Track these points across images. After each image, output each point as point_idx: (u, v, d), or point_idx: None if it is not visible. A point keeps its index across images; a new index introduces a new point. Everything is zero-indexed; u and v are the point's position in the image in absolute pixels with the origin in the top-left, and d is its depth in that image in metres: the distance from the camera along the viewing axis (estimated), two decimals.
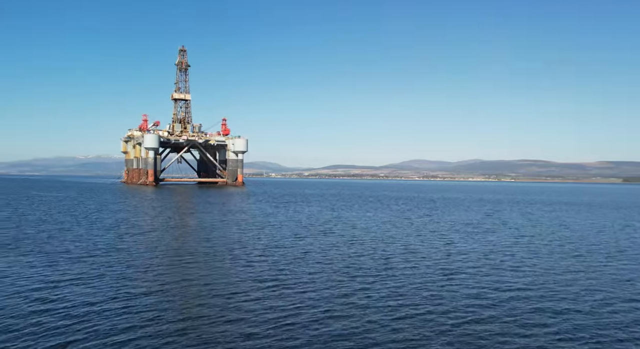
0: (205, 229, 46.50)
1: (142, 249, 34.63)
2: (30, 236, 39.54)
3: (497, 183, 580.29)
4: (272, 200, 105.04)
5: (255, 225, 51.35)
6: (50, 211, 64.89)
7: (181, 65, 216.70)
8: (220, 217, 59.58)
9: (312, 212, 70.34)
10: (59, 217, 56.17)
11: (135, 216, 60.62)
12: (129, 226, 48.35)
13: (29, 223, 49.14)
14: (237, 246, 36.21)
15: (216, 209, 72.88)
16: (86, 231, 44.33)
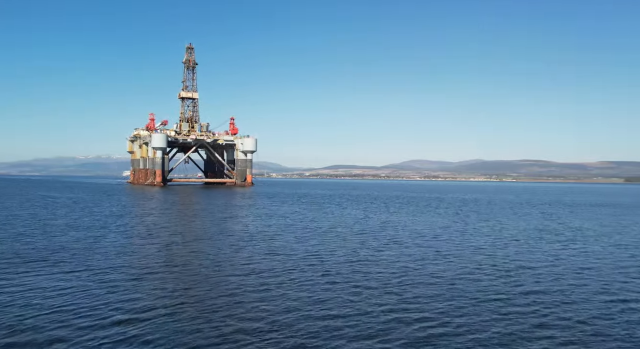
0: (263, 240, 41.58)
1: (202, 261, 30.34)
2: (65, 246, 35.15)
3: (500, 183, 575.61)
4: (298, 201, 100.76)
5: (310, 232, 46.67)
6: (71, 215, 60.60)
7: (189, 63, 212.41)
8: (264, 222, 55.21)
9: (357, 216, 65.91)
10: (84, 222, 51.82)
11: (167, 220, 56.35)
12: (170, 233, 44.11)
13: (56, 230, 44.79)
14: (315, 261, 31.10)
15: (252, 213, 68.57)
16: (124, 238, 40.07)
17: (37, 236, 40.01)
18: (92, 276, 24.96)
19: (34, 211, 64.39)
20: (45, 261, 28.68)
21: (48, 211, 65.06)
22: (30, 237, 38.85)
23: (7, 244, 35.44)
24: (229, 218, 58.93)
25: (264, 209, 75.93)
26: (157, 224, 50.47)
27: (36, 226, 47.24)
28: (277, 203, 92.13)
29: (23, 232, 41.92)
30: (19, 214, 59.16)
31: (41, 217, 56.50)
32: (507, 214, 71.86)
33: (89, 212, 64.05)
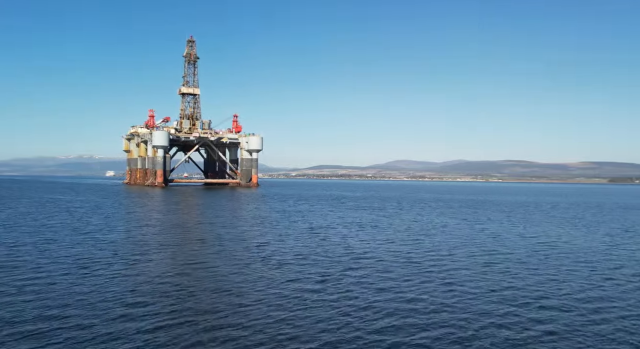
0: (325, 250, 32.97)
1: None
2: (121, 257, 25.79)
3: (488, 184, 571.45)
4: (323, 203, 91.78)
5: (381, 238, 38.12)
6: (93, 220, 50.94)
7: (189, 58, 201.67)
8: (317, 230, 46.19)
9: (412, 220, 57.32)
10: (117, 226, 42.31)
11: (211, 233, 47.06)
12: (240, 241, 34.92)
13: (96, 240, 35.27)
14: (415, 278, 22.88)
15: (293, 219, 59.36)
16: (177, 246, 30.82)
17: (92, 247, 30.50)
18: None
19: (64, 219, 54.40)
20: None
21: (77, 219, 55.06)
22: (92, 254, 29.34)
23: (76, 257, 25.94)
24: (286, 236, 49.66)
25: (332, 216, 66.65)
26: (205, 242, 41.12)
27: (84, 237, 37.63)
28: (310, 204, 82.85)
29: (81, 243, 32.33)
30: (52, 224, 49.21)
31: (81, 227, 46.67)
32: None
33: (123, 222, 54.30)
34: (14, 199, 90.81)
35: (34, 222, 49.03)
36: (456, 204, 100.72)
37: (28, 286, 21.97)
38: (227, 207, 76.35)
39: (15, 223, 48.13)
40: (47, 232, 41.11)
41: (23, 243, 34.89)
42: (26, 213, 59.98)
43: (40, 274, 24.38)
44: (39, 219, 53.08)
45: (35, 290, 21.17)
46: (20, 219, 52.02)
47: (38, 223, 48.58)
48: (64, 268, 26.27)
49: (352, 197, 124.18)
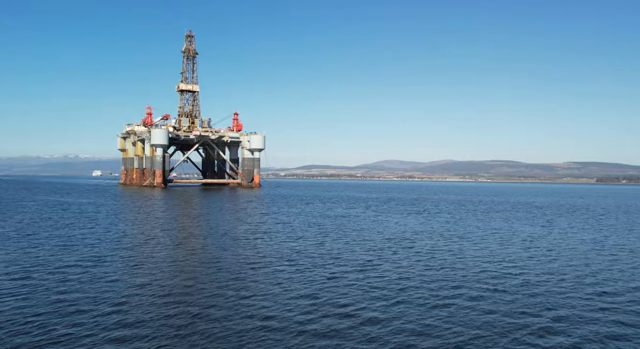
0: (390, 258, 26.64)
1: None
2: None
3: (479, 184, 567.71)
4: (356, 205, 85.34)
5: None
6: (121, 227, 43.96)
7: (188, 53, 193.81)
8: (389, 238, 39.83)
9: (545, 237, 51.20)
10: (147, 232, 35.51)
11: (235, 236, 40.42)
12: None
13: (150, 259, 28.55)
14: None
15: (359, 226, 52.87)
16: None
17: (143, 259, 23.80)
18: None
19: (89, 226, 47.26)
20: None
21: (104, 228, 47.92)
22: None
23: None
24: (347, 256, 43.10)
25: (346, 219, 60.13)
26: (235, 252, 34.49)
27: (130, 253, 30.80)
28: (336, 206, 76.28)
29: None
30: (81, 234, 42.09)
31: (121, 232, 39.63)
32: None
33: (159, 231, 47.41)
34: (19, 202, 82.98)
35: (65, 233, 41.95)
36: (500, 206, 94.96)
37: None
38: (247, 212, 69.51)
39: (48, 235, 40.98)
40: (81, 243, 34.14)
41: (68, 262, 27.96)
42: (46, 218, 52.82)
43: (123, 307, 18.09)
44: (63, 227, 45.93)
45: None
46: (45, 228, 44.85)
47: (69, 234, 41.46)
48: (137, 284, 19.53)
49: (373, 199, 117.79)
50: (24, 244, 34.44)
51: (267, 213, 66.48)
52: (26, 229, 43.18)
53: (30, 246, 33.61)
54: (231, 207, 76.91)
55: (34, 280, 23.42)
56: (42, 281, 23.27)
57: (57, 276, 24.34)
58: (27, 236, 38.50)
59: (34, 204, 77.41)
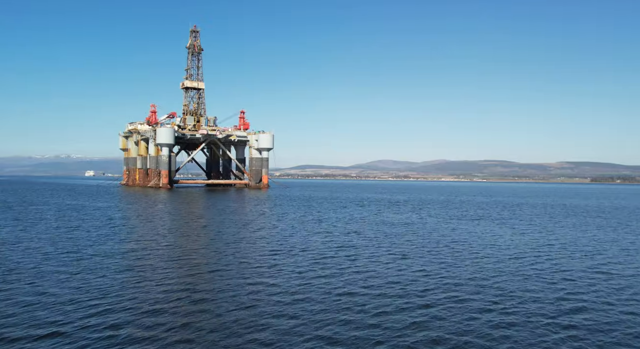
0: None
1: None
2: None
3: (475, 184, 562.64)
4: (397, 209, 79.48)
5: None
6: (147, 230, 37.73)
7: (193, 49, 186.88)
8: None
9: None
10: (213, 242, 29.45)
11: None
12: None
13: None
14: None
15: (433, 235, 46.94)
16: None
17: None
18: None
19: (120, 233, 40.94)
20: None
21: (135, 234, 41.62)
22: None
23: None
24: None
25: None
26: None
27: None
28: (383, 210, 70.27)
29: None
30: (122, 245, 35.82)
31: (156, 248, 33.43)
32: None
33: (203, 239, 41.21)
34: (34, 206, 76.21)
35: (113, 248, 35.65)
36: (543, 209, 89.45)
37: None
38: (282, 216, 63.34)
39: (94, 252, 34.69)
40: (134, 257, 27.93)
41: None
42: (77, 226, 46.41)
43: None
44: (98, 238, 39.58)
45: None
46: (85, 241, 38.52)
47: (118, 249, 35.18)
48: None
49: (404, 201, 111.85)
50: (78, 267, 28.15)
51: (314, 219, 60.31)
52: (65, 244, 36.87)
53: (87, 270, 27.29)
54: (257, 212, 70.68)
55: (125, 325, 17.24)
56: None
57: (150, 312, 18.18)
58: (72, 254, 32.13)
59: (50, 209, 70.77)
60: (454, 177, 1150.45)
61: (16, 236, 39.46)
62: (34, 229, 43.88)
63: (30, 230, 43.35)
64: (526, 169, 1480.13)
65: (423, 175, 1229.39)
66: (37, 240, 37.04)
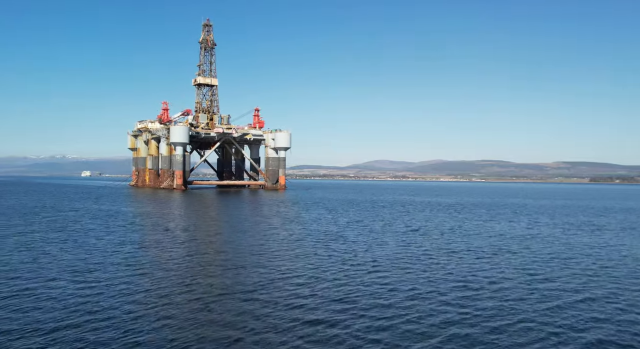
0: None
1: None
2: None
3: (476, 184, 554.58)
4: (448, 214, 72.00)
5: None
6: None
7: (206, 44, 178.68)
8: None
9: None
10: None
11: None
12: None
13: None
14: None
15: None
16: None
17: None
18: None
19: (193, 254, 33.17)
20: None
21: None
22: None
23: None
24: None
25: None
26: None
27: None
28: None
29: None
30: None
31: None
32: None
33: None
34: (61, 212, 68.13)
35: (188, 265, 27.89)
36: (588, 211, 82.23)
37: None
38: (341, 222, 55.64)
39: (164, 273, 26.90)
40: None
41: None
42: (138, 242, 38.52)
43: None
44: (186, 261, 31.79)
45: None
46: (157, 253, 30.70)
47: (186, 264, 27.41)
48: None
49: (464, 204, 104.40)
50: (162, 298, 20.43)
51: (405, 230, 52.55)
52: (133, 261, 29.08)
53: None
54: (307, 219, 62.96)
55: None
56: None
57: None
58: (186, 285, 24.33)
59: (83, 215, 62.74)
60: (451, 177, 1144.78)
61: (86, 261, 31.53)
62: (98, 248, 35.96)
63: (94, 251, 35.38)
64: (523, 169, 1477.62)
65: (421, 175, 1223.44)
66: (118, 267, 29.19)
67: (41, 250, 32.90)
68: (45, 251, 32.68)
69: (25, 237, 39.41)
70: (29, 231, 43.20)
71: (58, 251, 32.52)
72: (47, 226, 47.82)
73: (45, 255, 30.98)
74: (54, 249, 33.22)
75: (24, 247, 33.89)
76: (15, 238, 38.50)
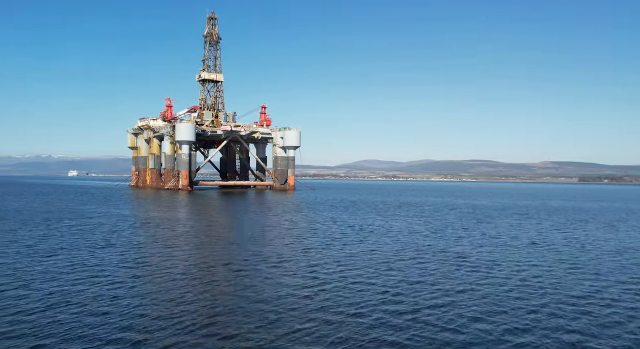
0: None
1: None
2: None
3: (466, 184, 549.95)
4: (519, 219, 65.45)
5: None
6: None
7: (211, 38, 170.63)
8: None
9: None
10: None
11: None
12: None
13: None
14: None
15: None
16: None
17: None
18: None
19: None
20: None
21: None
22: None
23: None
24: None
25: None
26: None
27: None
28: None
29: None
30: None
31: None
32: None
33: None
34: (83, 217, 60.30)
35: None
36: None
37: None
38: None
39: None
40: None
41: None
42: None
43: None
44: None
45: None
46: None
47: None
48: None
49: (500, 208, 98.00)
50: None
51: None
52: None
53: None
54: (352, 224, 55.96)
55: None
56: None
57: None
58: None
59: (118, 223, 55.08)
60: (441, 177, 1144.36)
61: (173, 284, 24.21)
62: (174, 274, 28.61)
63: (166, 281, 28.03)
64: (512, 169, 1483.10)
65: (411, 175, 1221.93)
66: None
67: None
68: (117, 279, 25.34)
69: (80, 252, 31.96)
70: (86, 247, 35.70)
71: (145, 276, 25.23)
72: (84, 236, 40.30)
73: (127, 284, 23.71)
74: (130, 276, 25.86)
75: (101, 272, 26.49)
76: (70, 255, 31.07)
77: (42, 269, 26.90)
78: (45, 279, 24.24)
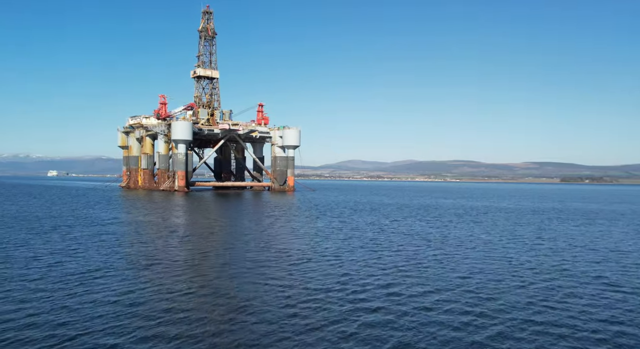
0: None
1: None
2: None
3: (451, 184, 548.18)
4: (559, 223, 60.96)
5: None
6: None
7: (206, 33, 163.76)
8: None
9: None
10: None
11: None
12: None
13: None
14: None
15: None
16: None
17: None
18: None
19: None
20: None
21: None
22: None
23: None
24: None
25: None
26: None
27: None
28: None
29: None
30: None
31: None
32: None
33: None
34: (103, 226, 53.91)
35: None
36: None
37: None
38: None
39: None
40: None
41: None
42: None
43: None
44: None
45: None
46: None
47: None
48: None
49: (516, 210, 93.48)
50: None
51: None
52: None
53: None
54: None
55: None
56: None
57: None
58: None
59: (132, 230, 48.94)
60: (425, 177, 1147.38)
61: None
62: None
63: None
64: (494, 170, 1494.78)
65: (395, 175, 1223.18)
66: None
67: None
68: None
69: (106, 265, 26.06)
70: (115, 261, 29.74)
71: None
72: (104, 246, 34.31)
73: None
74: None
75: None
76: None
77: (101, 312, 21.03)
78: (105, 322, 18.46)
